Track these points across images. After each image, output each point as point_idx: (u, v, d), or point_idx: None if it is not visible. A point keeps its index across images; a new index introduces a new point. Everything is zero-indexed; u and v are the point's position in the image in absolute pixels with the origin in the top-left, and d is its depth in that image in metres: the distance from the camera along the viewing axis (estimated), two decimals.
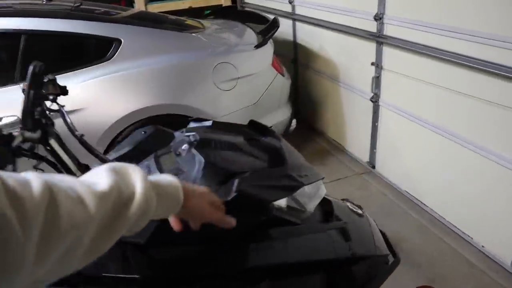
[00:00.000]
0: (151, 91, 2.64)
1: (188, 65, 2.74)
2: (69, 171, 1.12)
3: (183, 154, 1.14)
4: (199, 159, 1.08)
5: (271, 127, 3.02)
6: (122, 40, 2.61)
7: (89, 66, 2.56)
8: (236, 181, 0.99)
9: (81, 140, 1.09)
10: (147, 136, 1.29)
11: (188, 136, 1.19)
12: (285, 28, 3.98)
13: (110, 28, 2.61)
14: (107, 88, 2.57)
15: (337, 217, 1.34)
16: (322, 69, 3.58)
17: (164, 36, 2.78)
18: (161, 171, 1.13)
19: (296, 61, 4.01)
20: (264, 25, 3.15)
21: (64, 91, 1.27)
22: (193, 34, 2.91)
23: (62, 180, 0.50)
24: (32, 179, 0.45)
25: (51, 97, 1.19)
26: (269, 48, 3.00)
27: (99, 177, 0.55)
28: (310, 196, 1.30)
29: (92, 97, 2.52)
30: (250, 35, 3.09)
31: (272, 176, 1.08)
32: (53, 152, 1.01)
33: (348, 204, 1.49)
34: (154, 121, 2.59)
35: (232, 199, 0.97)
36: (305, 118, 4.01)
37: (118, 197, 0.54)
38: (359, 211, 1.48)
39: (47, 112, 1.24)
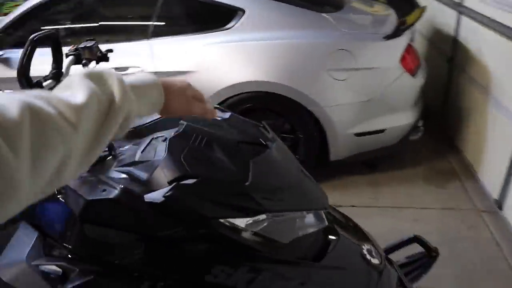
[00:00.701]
0: (261, 66, 2.62)
1: (305, 46, 2.61)
2: None
3: (161, 141, 1.11)
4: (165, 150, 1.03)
5: (385, 129, 2.74)
6: (246, 11, 2.62)
7: (210, 32, 2.67)
8: (171, 187, 0.92)
9: None
10: None
11: (182, 124, 1.14)
12: (447, 20, 3.40)
13: None
14: (222, 56, 2.65)
15: (332, 258, 1.14)
16: (476, 77, 2.96)
17: (289, 12, 2.68)
18: (143, 152, 1.12)
19: (452, 61, 3.41)
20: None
21: (104, 58, 1.35)
22: (322, 14, 2.73)
23: (38, 96, 0.49)
24: (6, 102, 0.44)
25: (84, 61, 1.27)
26: (402, 41, 2.61)
27: (75, 88, 0.54)
28: (302, 225, 1.12)
29: (205, 62, 2.64)
30: (388, 24, 2.73)
31: (226, 191, 0.96)
32: None
33: (365, 247, 1.23)
34: (254, 98, 2.61)
35: (161, 203, 0.91)
36: (446, 129, 3.44)
37: (98, 106, 0.54)
38: (375, 261, 1.21)
39: None
